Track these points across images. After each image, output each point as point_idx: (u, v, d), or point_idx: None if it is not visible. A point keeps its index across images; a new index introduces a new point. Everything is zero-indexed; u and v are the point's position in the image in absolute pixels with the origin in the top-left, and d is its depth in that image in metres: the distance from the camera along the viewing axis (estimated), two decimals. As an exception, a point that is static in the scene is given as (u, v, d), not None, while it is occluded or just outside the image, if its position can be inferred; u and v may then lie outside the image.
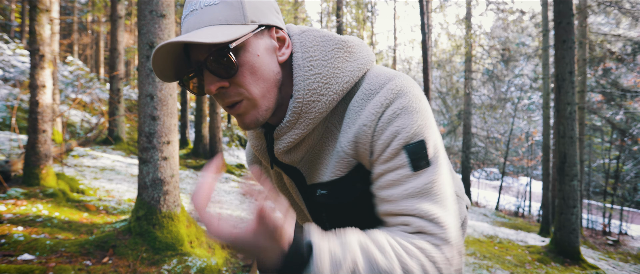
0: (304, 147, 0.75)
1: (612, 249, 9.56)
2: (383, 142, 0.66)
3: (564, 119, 5.98)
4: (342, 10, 13.46)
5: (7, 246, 2.83)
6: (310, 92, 0.68)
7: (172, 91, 3.39)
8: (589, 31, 10.88)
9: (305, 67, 0.69)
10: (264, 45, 0.67)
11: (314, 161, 0.77)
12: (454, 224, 0.65)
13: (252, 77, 0.65)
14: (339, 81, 0.69)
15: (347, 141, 0.69)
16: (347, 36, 0.75)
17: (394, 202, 0.65)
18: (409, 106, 0.65)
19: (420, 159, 0.65)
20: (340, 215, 0.83)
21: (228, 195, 7.20)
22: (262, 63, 0.66)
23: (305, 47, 0.72)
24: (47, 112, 4.36)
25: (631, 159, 13.19)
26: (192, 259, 3.11)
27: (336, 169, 0.73)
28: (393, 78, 0.69)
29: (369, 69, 0.74)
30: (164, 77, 0.67)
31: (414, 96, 0.67)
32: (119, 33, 9.36)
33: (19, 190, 4.02)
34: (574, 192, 5.95)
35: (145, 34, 3.27)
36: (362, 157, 0.70)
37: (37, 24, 4.29)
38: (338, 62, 0.70)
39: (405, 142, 0.65)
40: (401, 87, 0.67)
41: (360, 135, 0.67)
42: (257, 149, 0.84)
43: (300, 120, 0.70)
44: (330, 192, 0.76)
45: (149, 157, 3.27)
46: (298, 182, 0.85)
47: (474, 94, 15.51)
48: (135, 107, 15.50)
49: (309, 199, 0.86)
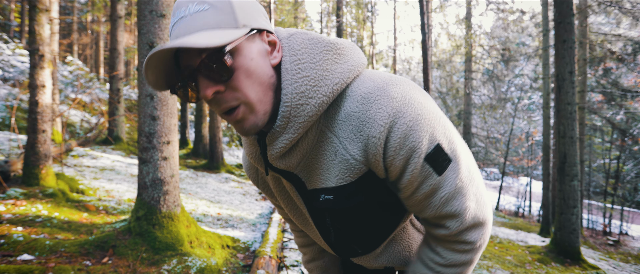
0: (299, 152, 0.74)
1: (612, 249, 9.56)
2: (402, 160, 0.67)
3: (564, 119, 5.98)
4: (342, 10, 13.46)
5: (7, 247, 2.82)
6: (298, 95, 0.67)
7: (172, 91, 3.38)
8: (589, 31, 10.88)
9: (293, 70, 0.68)
10: (257, 49, 0.66)
11: (312, 166, 0.76)
12: (482, 201, 0.76)
13: (247, 80, 0.64)
14: (328, 83, 0.68)
15: (357, 149, 0.69)
16: (337, 39, 0.74)
17: (434, 208, 0.74)
18: (417, 116, 0.66)
19: (442, 162, 0.68)
20: (345, 219, 0.82)
21: (228, 195, 7.19)
22: (256, 66, 0.65)
23: (293, 50, 0.70)
24: (46, 112, 4.36)
25: (631, 159, 13.19)
26: (192, 259, 3.10)
27: (345, 176, 0.72)
28: (391, 83, 0.68)
29: (361, 72, 0.73)
30: (157, 86, 0.66)
31: (418, 102, 0.67)
32: (119, 33, 9.35)
33: (18, 190, 4.01)
34: (574, 193, 5.94)
35: (145, 34, 3.26)
36: (374, 166, 0.70)
37: (37, 24, 4.29)
38: (327, 64, 0.69)
39: (425, 155, 0.67)
40: (402, 94, 0.67)
41: (370, 146, 0.67)
42: (251, 156, 0.83)
43: (290, 124, 0.68)
44: (336, 198, 0.76)
45: (149, 157, 3.27)
46: (298, 187, 0.84)
47: (474, 94, 15.51)
48: (135, 107, 15.50)
49: (310, 204, 0.86)
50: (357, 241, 0.90)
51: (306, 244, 1.17)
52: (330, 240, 0.92)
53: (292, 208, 0.94)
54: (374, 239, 0.90)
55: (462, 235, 0.77)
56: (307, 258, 1.19)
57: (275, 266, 3.30)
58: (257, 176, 0.97)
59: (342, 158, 0.71)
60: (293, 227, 1.15)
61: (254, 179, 0.98)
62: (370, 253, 0.94)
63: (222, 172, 9.86)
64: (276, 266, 3.34)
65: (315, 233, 0.96)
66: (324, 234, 0.92)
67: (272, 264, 3.26)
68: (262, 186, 0.97)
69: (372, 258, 0.96)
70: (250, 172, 0.97)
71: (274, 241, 3.93)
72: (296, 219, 0.97)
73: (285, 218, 1.11)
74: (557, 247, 6.13)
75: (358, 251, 0.93)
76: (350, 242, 0.90)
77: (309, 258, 1.18)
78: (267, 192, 0.98)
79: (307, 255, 1.19)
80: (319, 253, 1.17)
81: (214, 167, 9.91)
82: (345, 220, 0.82)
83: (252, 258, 3.61)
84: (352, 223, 0.83)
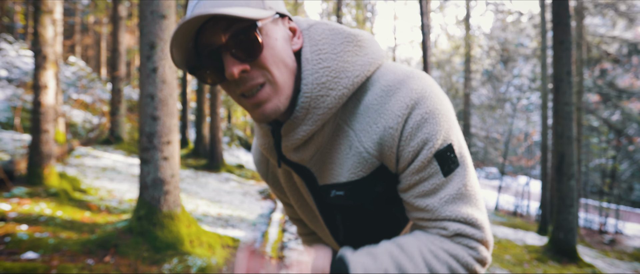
0: (314, 145, 0.71)
1: (608, 247, 9.62)
2: (412, 150, 0.65)
3: (562, 119, 6.03)
4: (341, 10, 13.51)
5: (12, 245, 2.88)
6: (319, 86, 0.65)
7: (173, 91, 3.44)
8: (586, 33, 10.92)
9: (314, 60, 0.67)
10: (281, 33, 0.65)
11: (325, 161, 0.74)
12: (486, 221, 0.69)
13: (273, 60, 0.62)
14: (349, 74, 0.66)
15: (372, 141, 0.67)
16: (357, 30, 0.72)
17: (430, 211, 0.67)
18: (435, 109, 0.64)
19: (450, 163, 0.66)
20: (355, 216, 0.80)
21: (229, 195, 7.25)
22: (281, 48, 0.64)
23: (314, 40, 0.69)
24: (49, 113, 4.41)
25: (627, 158, 13.25)
26: (193, 259, 3.15)
27: (358, 170, 0.70)
28: (412, 76, 0.67)
29: (381, 65, 0.71)
30: (183, 65, 0.64)
31: (438, 98, 0.66)
32: (120, 34, 9.43)
33: (22, 189, 4.08)
34: (572, 192, 5.99)
35: (146, 34, 3.30)
36: (387, 159, 0.68)
37: (40, 25, 4.34)
38: (348, 56, 0.67)
39: (436, 150, 0.64)
40: (423, 87, 0.65)
41: (386, 137, 0.66)
42: (264, 147, 0.79)
43: (309, 115, 0.66)
44: (348, 194, 0.73)
45: (150, 157, 3.32)
46: (309, 182, 0.81)
47: (473, 94, 15.55)
48: (136, 108, 15.55)
49: (321, 200, 0.83)
50: (367, 240, 0.85)
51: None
52: (339, 239, 0.89)
53: (301, 204, 0.91)
54: (383, 238, 0.85)
55: (456, 241, 0.71)
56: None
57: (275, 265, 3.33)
58: (267, 171, 0.93)
59: (356, 152, 0.69)
60: (301, 231, 1.09)
61: (264, 174, 0.95)
62: None
63: (223, 172, 9.91)
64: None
65: (324, 231, 0.93)
66: (333, 232, 0.89)
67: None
68: (272, 180, 0.94)
69: None
70: (260, 166, 0.94)
71: (274, 241, 3.97)
72: (305, 216, 0.94)
73: (292, 219, 1.07)
74: (554, 246, 6.18)
75: None
76: (359, 240, 0.86)
77: None
78: (276, 187, 0.95)
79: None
80: None
81: (214, 167, 9.97)
82: (356, 218, 0.80)
83: (251, 256, 3.65)
84: (362, 220, 0.81)
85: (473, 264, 0.66)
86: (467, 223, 0.66)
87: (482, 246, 0.67)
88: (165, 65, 3.35)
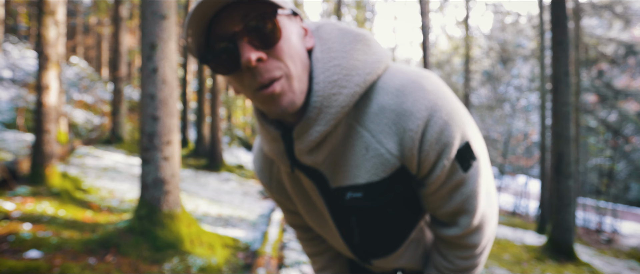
0: (327, 147, 0.70)
1: (605, 246, 9.66)
2: (435, 155, 0.66)
3: (561, 119, 6.07)
4: (341, 11, 13.54)
5: (16, 243, 2.93)
6: (330, 84, 0.65)
7: (173, 92, 3.47)
8: (583, 34, 10.97)
9: (324, 59, 0.67)
10: (296, 29, 0.66)
11: (339, 163, 0.73)
12: (495, 206, 0.79)
13: (289, 52, 0.62)
14: (360, 72, 0.66)
15: (393, 142, 0.67)
16: (364, 30, 0.73)
17: (453, 205, 0.74)
18: (452, 112, 0.66)
19: (469, 159, 0.68)
20: (372, 218, 0.80)
21: (229, 195, 7.29)
22: (296, 43, 0.64)
23: (323, 40, 0.69)
24: (51, 113, 4.45)
25: (623, 158, 13.29)
26: (193, 258, 3.19)
27: (379, 171, 0.70)
28: (423, 76, 0.68)
29: (389, 65, 0.71)
30: (198, 53, 0.64)
31: (451, 98, 0.67)
32: (122, 35, 9.48)
33: (25, 188, 4.13)
34: (570, 191, 6.03)
35: (147, 34, 3.33)
36: (408, 161, 0.68)
37: (43, 27, 4.39)
38: (357, 54, 0.67)
39: (456, 151, 0.67)
40: (436, 88, 0.67)
41: (406, 139, 0.66)
42: (274, 153, 0.76)
43: (321, 115, 0.65)
44: (366, 195, 0.73)
45: (150, 157, 3.35)
46: (320, 185, 0.79)
47: (472, 95, 15.59)
48: (137, 108, 15.59)
49: (333, 204, 0.81)
50: (383, 241, 0.87)
51: (317, 253, 1.10)
52: (353, 242, 0.88)
53: (310, 209, 0.89)
54: (397, 239, 0.87)
55: (470, 237, 0.78)
56: (318, 267, 1.12)
57: (275, 265, 3.36)
58: (271, 178, 0.91)
59: (376, 153, 0.69)
60: (302, 236, 1.08)
61: (267, 181, 0.92)
62: (393, 254, 0.90)
63: (223, 172, 9.96)
64: (276, 265, 3.40)
65: (334, 235, 0.91)
66: (346, 235, 0.88)
67: (272, 263, 3.32)
68: (276, 188, 0.92)
69: (394, 259, 0.92)
70: (263, 174, 0.92)
71: (275, 240, 3.99)
72: (312, 221, 0.92)
73: (294, 225, 1.05)
74: (552, 245, 6.22)
75: (381, 252, 0.90)
76: (375, 243, 0.87)
77: (320, 266, 1.12)
78: (281, 194, 0.93)
79: (317, 264, 1.12)
80: (330, 261, 1.11)
81: (214, 167, 10.01)
82: (373, 219, 0.80)
83: (252, 257, 3.68)
84: (379, 222, 0.81)
85: (479, 262, 0.84)
86: (475, 213, 0.75)
87: (486, 229, 0.80)
88: (166, 66, 3.38)
